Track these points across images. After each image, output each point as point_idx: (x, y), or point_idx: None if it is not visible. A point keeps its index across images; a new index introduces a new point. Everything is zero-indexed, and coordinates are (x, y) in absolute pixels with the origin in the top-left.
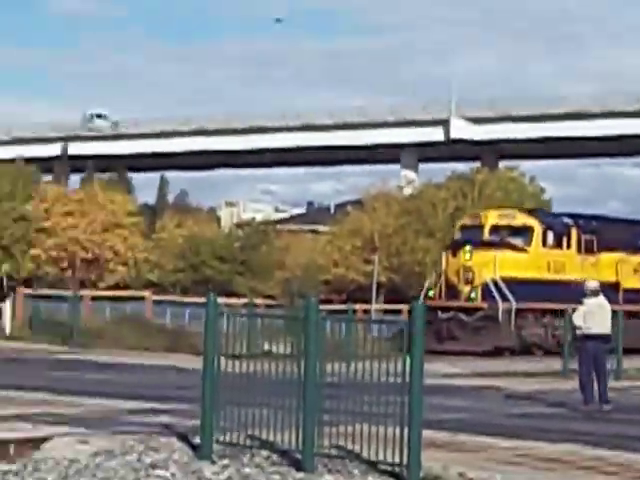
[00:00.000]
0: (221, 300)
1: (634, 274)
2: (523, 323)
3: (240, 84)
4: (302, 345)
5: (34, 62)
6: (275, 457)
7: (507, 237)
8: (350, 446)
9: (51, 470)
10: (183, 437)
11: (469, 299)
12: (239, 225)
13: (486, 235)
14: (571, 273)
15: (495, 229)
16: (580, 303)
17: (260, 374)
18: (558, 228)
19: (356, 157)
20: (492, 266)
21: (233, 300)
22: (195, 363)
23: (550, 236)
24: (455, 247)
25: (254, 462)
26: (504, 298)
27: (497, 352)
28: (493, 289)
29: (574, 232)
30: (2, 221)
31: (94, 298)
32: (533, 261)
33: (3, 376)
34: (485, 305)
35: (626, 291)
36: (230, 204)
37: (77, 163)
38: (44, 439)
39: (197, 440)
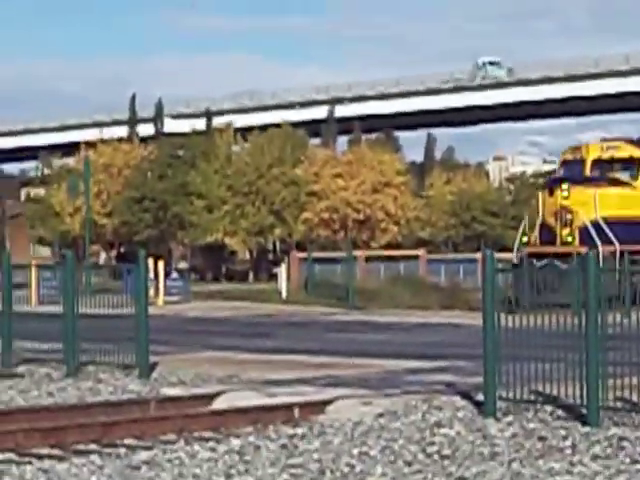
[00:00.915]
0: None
1: None
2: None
3: (498, 38)
4: (580, 297)
5: (298, 29)
6: (560, 412)
7: (611, 171)
8: (636, 398)
9: (337, 432)
10: (465, 395)
11: (566, 243)
12: (509, 179)
13: (587, 170)
14: None
15: (598, 163)
16: None
17: (540, 328)
18: None
19: (622, 105)
20: (592, 205)
21: (506, 255)
22: (471, 319)
23: None
24: (552, 185)
25: (538, 417)
26: (606, 240)
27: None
28: (592, 231)
29: None
30: (273, 186)
31: (368, 259)
32: None
33: (281, 340)
34: (583, 249)
35: None
36: (498, 158)
37: (344, 125)
38: (328, 402)
39: (480, 397)
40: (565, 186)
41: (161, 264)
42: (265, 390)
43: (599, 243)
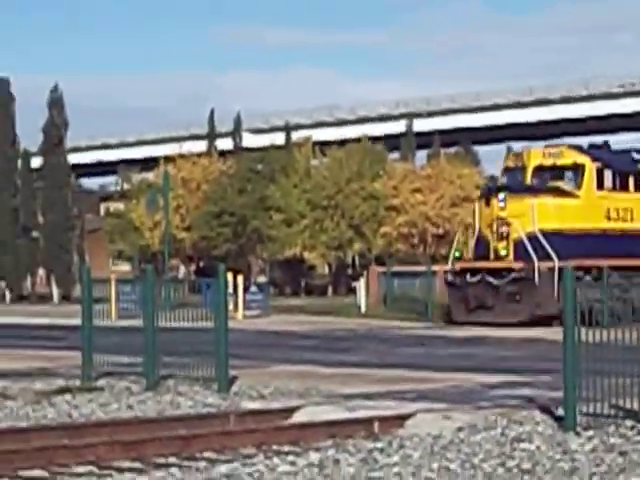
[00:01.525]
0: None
1: None
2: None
3: (577, 52)
4: None
5: (375, 43)
6: None
7: (553, 180)
8: None
9: (416, 446)
10: (545, 409)
11: (500, 257)
12: None
13: (528, 178)
14: None
15: (539, 170)
16: None
17: (621, 342)
18: (620, 166)
19: None
20: (530, 216)
21: None
22: (553, 334)
23: (608, 176)
24: (488, 194)
25: (619, 432)
26: (544, 255)
27: (538, 322)
28: (528, 245)
29: None
30: (352, 200)
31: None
32: (585, 208)
33: (361, 354)
34: (517, 265)
35: None
36: None
37: (422, 139)
38: (407, 416)
39: (560, 412)
40: (502, 196)
41: (240, 278)
42: (344, 404)
43: (535, 258)
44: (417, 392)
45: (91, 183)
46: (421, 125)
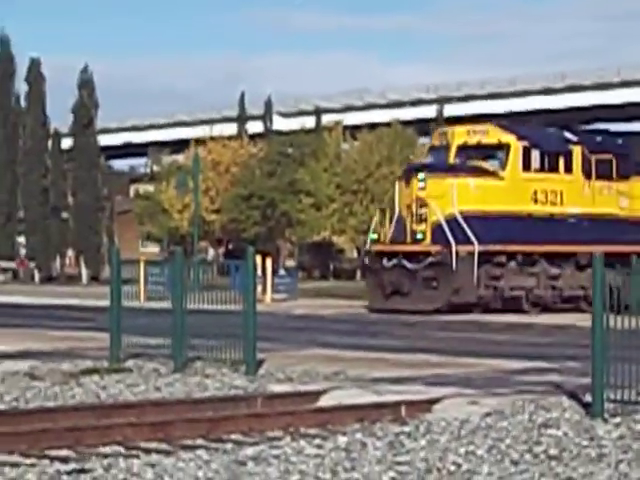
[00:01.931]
0: None
1: None
2: (496, 272)
3: (609, 38)
4: None
5: (406, 28)
6: None
7: (477, 159)
8: None
9: (443, 431)
10: (573, 395)
11: (417, 241)
12: None
13: (451, 157)
14: (574, 205)
15: (463, 149)
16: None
17: None
18: (550, 146)
19: None
20: (450, 197)
21: None
22: (583, 321)
23: (536, 156)
24: (409, 174)
25: None
26: (464, 239)
27: (457, 310)
28: (446, 227)
29: (577, 151)
30: (381, 184)
31: None
32: (510, 189)
33: (389, 338)
34: (434, 249)
35: None
36: None
37: (453, 124)
38: (435, 400)
39: (588, 398)
40: (421, 175)
41: (269, 261)
42: (372, 388)
43: (452, 241)
44: (444, 377)
45: (121, 165)
46: (452, 110)
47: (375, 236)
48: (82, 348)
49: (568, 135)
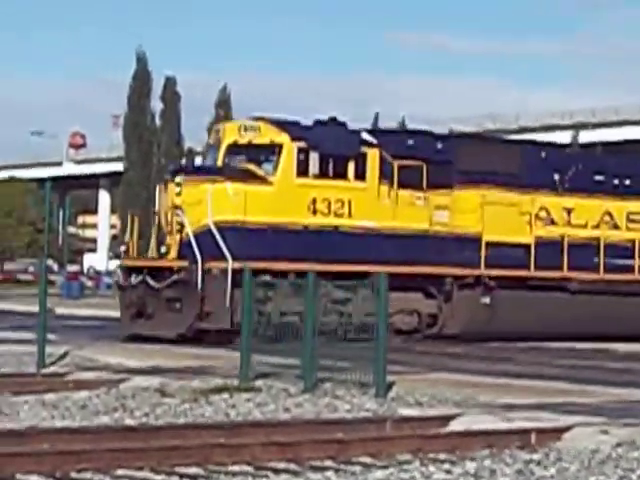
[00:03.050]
0: None
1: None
2: (260, 294)
3: None
4: None
5: (538, 53)
6: None
7: (248, 161)
8: None
9: (573, 460)
10: None
11: (161, 255)
12: None
13: (220, 159)
14: (368, 218)
15: (234, 149)
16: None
17: None
18: (335, 149)
19: None
20: (205, 205)
21: None
22: None
23: (315, 159)
24: (169, 177)
25: None
26: (218, 254)
27: (201, 337)
28: (193, 240)
29: (374, 155)
30: None
31: None
32: (281, 198)
33: (518, 364)
34: (179, 264)
35: (492, 246)
36: None
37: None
38: (565, 428)
39: None
40: (178, 179)
41: None
42: (502, 414)
43: (199, 257)
44: (575, 405)
45: None
46: (586, 136)
47: (124, 248)
48: (212, 366)
49: (365, 136)
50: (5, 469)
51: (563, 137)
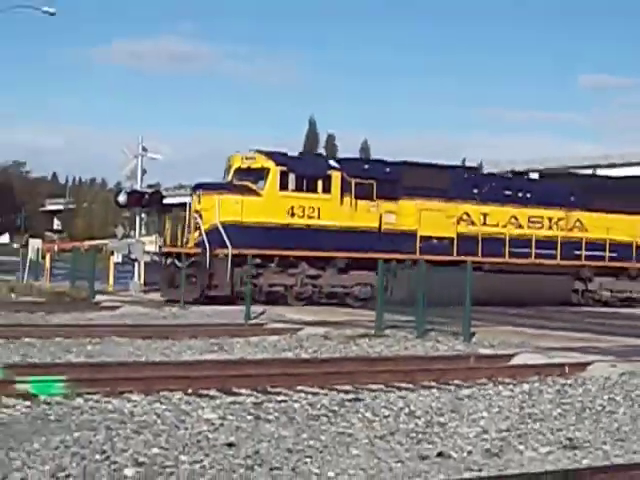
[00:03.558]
0: None
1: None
2: (254, 271)
3: None
4: None
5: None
6: None
7: (248, 181)
8: None
9: (593, 384)
10: None
11: (185, 244)
12: None
13: (229, 178)
14: (331, 219)
15: (239, 172)
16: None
17: None
18: (307, 171)
19: None
20: (215, 211)
21: None
22: None
23: (292, 179)
24: (193, 191)
25: None
26: (222, 244)
27: (213, 301)
28: (204, 234)
29: (337, 176)
30: None
31: None
32: (267, 205)
33: (557, 322)
34: (195, 251)
35: (425, 239)
36: None
37: None
38: (588, 363)
39: None
40: (199, 192)
41: None
42: (546, 353)
43: (207, 245)
44: (594, 348)
45: None
46: None
47: (163, 239)
48: (358, 320)
49: (332, 163)
50: (226, 386)
51: None
